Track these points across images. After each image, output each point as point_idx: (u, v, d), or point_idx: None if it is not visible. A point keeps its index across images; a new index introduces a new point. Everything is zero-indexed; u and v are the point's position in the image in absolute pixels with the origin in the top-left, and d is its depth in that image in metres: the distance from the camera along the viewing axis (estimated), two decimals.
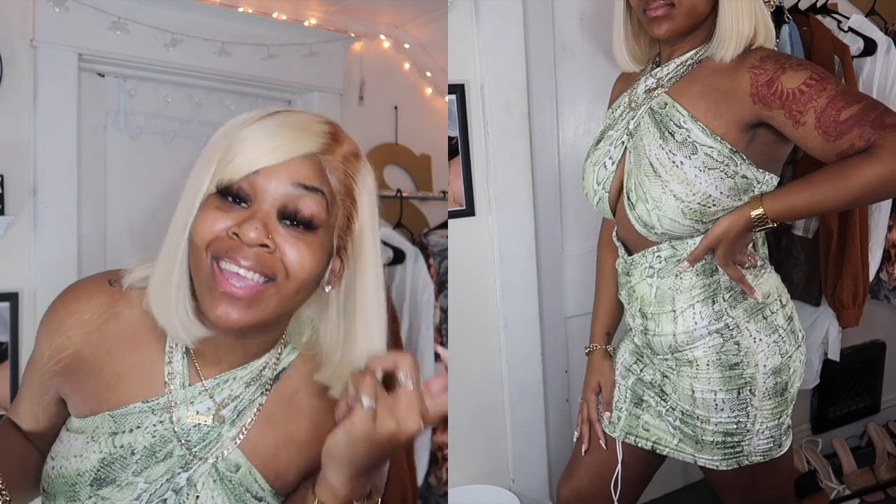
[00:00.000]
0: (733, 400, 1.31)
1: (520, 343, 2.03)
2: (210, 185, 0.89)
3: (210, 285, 0.88)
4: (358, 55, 2.75)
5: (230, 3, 2.40)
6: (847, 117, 1.15)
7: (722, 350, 1.31)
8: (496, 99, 1.94)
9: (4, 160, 1.99)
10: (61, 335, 1.00)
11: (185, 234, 0.89)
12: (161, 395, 0.97)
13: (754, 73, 1.23)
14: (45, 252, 2.05)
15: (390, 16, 2.75)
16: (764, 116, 1.22)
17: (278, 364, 1.01)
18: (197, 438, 0.97)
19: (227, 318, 0.87)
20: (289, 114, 0.93)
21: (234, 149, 0.88)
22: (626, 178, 1.33)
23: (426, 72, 2.85)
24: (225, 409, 0.98)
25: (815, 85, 1.18)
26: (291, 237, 0.89)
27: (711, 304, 1.31)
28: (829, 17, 2.08)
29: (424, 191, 2.76)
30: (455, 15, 1.91)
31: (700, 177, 1.23)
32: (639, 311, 1.39)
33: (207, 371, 0.99)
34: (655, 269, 1.34)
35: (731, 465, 1.35)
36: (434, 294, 2.23)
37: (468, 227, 1.97)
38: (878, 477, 2.49)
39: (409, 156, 2.85)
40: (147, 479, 0.96)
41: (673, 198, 1.25)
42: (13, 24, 2.02)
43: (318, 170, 0.90)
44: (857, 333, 2.50)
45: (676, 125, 1.27)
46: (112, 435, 0.96)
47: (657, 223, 1.28)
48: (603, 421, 1.50)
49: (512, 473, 2.09)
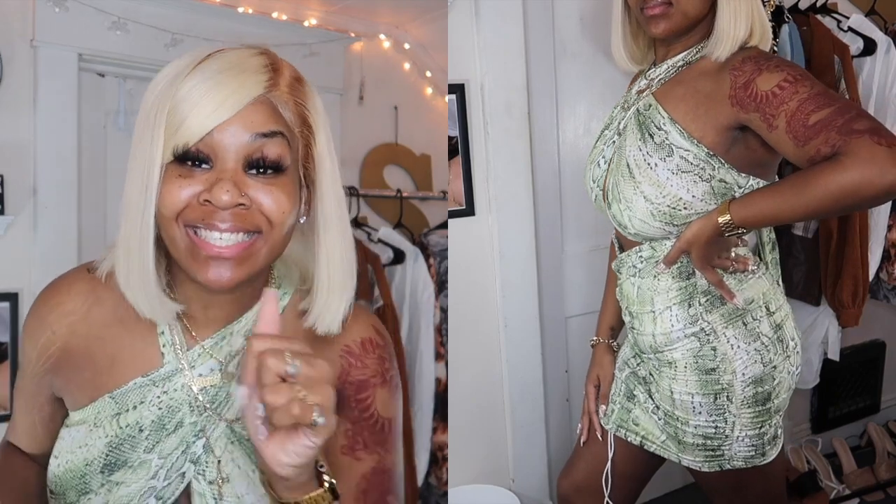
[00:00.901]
0: (710, 404, 1.29)
1: (520, 343, 2.03)
2: (164, 153, 0.84)
3: (193, 252, 0.85)
4: (358, 55, 2.75)
5: (230, 3, 2.40)
6: (815, 122, 1.09)
7: (699, 354, 1.29)
8: (496, 99, 1.94)
9: (4, 160, 1.99)
10: (45, 331, 0.98)
11: (149, 208, 0.84)
12: (160, 367, 0.95)
13: (734, 74, 1.20)
14: (45, 252, 2.05)
15: (390, 16, 2.75)
16: (742, 119, 1.19)
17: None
18: (206, 401, 0.94)
19: (221, 279, 0.85)
20: (221, 56, 0.87)
21: (180, 109, 0.83)
22: (608, 178, 1.35)
23: (426, 72, 2.85)
24: (229, 365, 0.95)
25: (787, 87, 1.13)
26: (263, 185, 0.86)
27: (687, 307, 1.29)
28: (829, 17, 2.08)
29: (424, 191, 2.76)
30: (455, 15, 1.91)
31: (672, 179, 1.22)
32: (626, 309, 1.41)
33: (202, 333, 0.96)
34: (637, 269, 1.35)
35: (712, 468, 1.33)
36: (434, 294, 2.24)
37: (468, 227, 1.97)
38: (878, 477, 2.49)
39: (409, 156, 2.85)
40: (161, 453, 0.93)
41: (643, 199, 1.25)
42: (13, 24, 2.02)
43: (272, 111, 0.87)
44: (856, 333, 2.50)
45: (657, 127, 1.27)
46: (115, 416, 0.94)
47: (629, 223, 1.30)
48: (599, 413, 1.51)
49: (512, 473, 2.09)
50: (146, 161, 0.84)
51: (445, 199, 2.04)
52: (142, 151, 0.85)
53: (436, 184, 2.82)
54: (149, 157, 0.84)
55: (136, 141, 0.87)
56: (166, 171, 0.84)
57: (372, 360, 0.99)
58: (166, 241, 0.87)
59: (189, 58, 0.88)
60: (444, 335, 2.20)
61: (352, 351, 0.99)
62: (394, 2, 2.61)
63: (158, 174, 0.84)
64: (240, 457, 0.93)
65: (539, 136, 2.03)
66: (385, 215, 2.61)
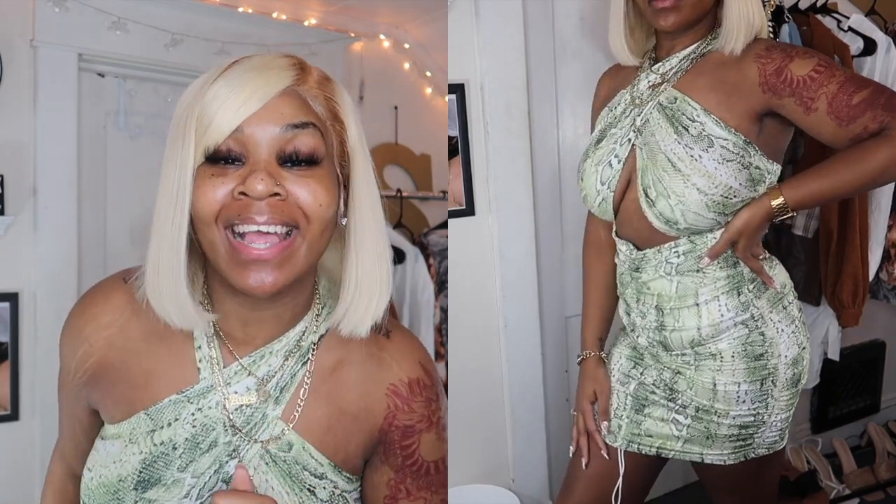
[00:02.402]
0: (756, 391, 1.31)
1: (520, 343, 2.03)
2: (196, 156, 0.83)
3: (234, 258, 0.83)
4: (358, 55, 2.75)
5: (230, 3, 2.40)
6: (858, 101, 1.17)
7: (747, 341, 1.31)
8: (496, 99, 1.94)
9: (4, 160, 1.99)
10: (83, 343, 0.96)
11: (183, 212, 0.83)
12: (196, 383, 0.92)
13: (761, 62, 1.24)
14: (45, 252, 2.05)
15: (390, 16, 2.75)
16: (774, 105, 1.23)
17: (317, 329, 0.96)
18: (241, 422, 0.92)
19: (263, 285, 0.83)
20: (248, 59, 0.88)
21: (208, 111, 0.83)
22: (640, 176, 1.32)
23: (426, 72, 2.85)
24: (267, 385, 0.93)
25: (824, 71, 1.20)
26: (299, 178, 0.84)
27: (737, 295, 1.31)
28: (829, 17, 2.08)
29: (424, 191, 2.76)
30: (455, 15, 1.91)
31: (720, 169, 1.24)
32: (653, 308, 1.36)
33: (241, 351, 0.93)
34: (674, 265, 1.32)
35: (737, 459, 1.35)
36: (434, 294, 2.24)
37: (468, 227, 1.97)
38: (878, 476, 2.49)
39: (409, 156, 2.85)
40: (194, 472, 0.91)
41: (696, 191, 1.24)
42: (13, 24, 2.02)
43: (301, 103, 0.86)
44: (856, 333, 2.50)
45: (689, 119, 1.27)
46: (150, 433, 0.92)
47: (680, 218, 1.27)
48: (602, 431, 1.44)
49: (512, 473, 2.09)
50: (178, 167, 0.83)
51: (445, 199, 2.04)
52: (173, 159, 0.84)
53: (436, 184, 2.83)
54: (180, 162, 0.83)
55: (167, 153, 0.86)
56: (198, 173, 0.83)
57: (419, 403, 0.97)
58: (205, 247, 0.86)
59: (215, 67, 0.88)
60: (444, 335, 2.20)
61: (399, 392, 0.96)
62: (394, 2, 2.61)
63: (191, 177, 0.83)
64: (273, 478, 0.92)
65: (539, 136, 2.03)
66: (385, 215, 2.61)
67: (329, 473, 0.94)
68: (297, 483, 0.92)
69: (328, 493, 0.94)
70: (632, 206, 1.35)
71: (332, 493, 0.94)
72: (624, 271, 1.41)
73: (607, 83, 1.51)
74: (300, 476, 0.92)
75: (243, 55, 0.90)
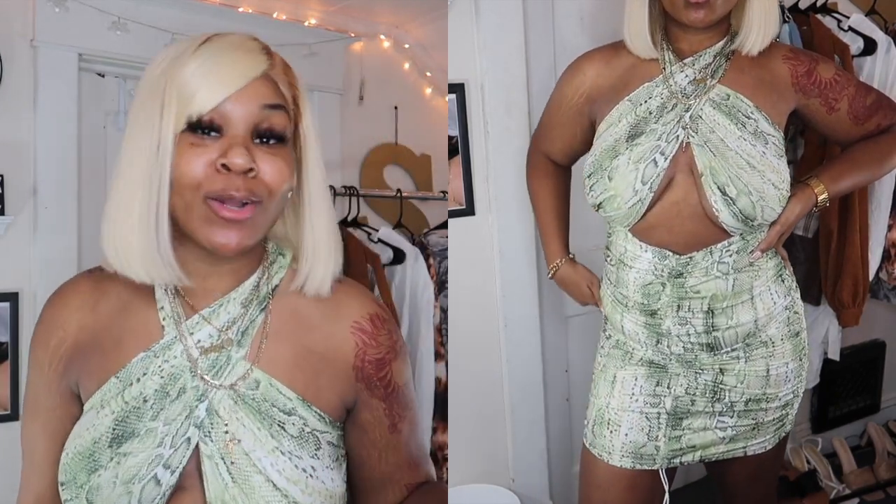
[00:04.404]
0: (797, 368, 1.39)
1: (520, 343, 2.03)
2: (176, 123, 0.89)
3: (208, 217, 0.90)
4: (358, 55, 2.75)
5: (230, 3, 2.40)
6: (871, 102, 1.35)
7: (790, 322, 1.38)
8: (496, 99, 1.94)
9: (4, 160, 1.99)
10: (57, 331, 1.02)
11: (164, 174, 0.89)
12: (160, 339, 0.98)
13: (791, 63, 1.31)
14: (45, 252, 2.05)
15: (390, 16, 2.75)
16: (800, 104, 1.32)
17: (270, 280, 1.03)
18: (206, 366, 0.97)
19: (230, 243, 0.91)
20: (223, 37, 0.95)
21: (191, 82, 0.90)
22: (708, 174, 1.26)
23: (426, 72, 2.86)
24: (228, 331, 0.98)
25: (843, 75, 1.35)
26: (266, 155, 0.93)
27: (781, 282, 1.38)
28: (829, 17, 2.08)
29: (424, 191, 2.75)
30: (455, 15, 1.91)
31: (781, 164, 1.28)
32: (701, 312, 1.32)
33: (200, 304, 0.99)
34: (729, 264, 1.31)
35: (775, 442, 1.41)
36: (434, 294, 2.23)
37: (468, 227, 1.97)
38: (878, 476, 2.49)
39: (409, 156, 2.85)
40: (166, 420, 0.94)
41: (772, 187, 1.26)
42: (13, 24, 2.02)
43: (274, 87, 0.95)
44: (856, 333, 2.50)
45: (745, 116, 1.28)
46: (120, 393, 0.96)
47: (759, 214, 1.26)
48: (613, 459, 1.37)
49: (512, 473, 2.09)
50: (155, 130, 0.90)
51: (445, 199, 2.04)
52: (148, 122, 0.91)
53: (436, 184, 2.83)
54: (158, 126, 0.90)
55: (138, 114, 0.93)
56: (178, 140, 0.90)
57: (384, 336, 1.04)
58: (178, 208, 0.91)
59: (188, 41, 0.95)
60: (444, 335, 2.19)
61: (364, 328, 1.03)
62: (394, 2, 2.61)
63: (172, 141, 0.89)
64: (245, 416, 0.95)
65: None
66: (385, 215, 2.61)
67: (299, 409, 0.97)
68: (268, 419, 0.95)
69: (297, 430, 0.96)
70: (673, 209, 1.29)
71: (302, 430, 0.97)
72: (652, 281, 1.33)
73: (600, 69, 1.41)
74: (270, 412, 0.96)
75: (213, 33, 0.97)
